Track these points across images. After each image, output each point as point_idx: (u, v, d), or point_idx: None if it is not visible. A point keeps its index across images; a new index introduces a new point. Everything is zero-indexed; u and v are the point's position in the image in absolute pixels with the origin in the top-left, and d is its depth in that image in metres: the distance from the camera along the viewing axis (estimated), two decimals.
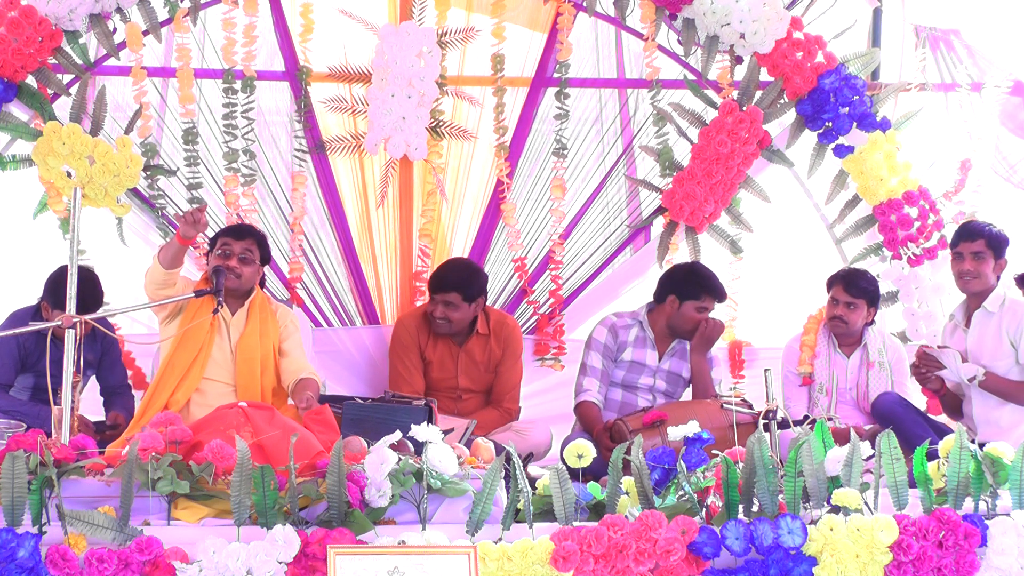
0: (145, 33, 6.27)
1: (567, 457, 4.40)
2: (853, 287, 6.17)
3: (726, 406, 5.43)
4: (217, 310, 5.21)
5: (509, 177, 6.58)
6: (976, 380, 5.74)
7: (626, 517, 4.06)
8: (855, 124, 6.47)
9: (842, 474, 4.18)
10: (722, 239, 6.67)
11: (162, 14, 6.30)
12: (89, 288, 5.59)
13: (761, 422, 4.59)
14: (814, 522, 4.10)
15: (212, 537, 3.84)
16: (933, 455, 4.38)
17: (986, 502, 4.29)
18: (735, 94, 6.53)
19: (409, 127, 6.37)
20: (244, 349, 5.42)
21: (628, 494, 4.28)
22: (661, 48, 6.60)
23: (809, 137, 6.59)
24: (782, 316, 6.78)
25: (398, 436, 4.17)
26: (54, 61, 6.18)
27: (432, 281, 6.16)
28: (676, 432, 4.36)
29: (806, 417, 5.39)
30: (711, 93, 6.59)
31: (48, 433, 4.29)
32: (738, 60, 6.57)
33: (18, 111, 6.22)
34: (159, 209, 6.35)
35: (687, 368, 6.22)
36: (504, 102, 6.54)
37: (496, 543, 3.96)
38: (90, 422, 5.70)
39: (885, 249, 6.61)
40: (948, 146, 6.76)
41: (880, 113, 6.54)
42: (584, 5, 6.54)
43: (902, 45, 6.80)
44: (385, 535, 3.95)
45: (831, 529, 4.05)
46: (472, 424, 5.46)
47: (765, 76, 6.55)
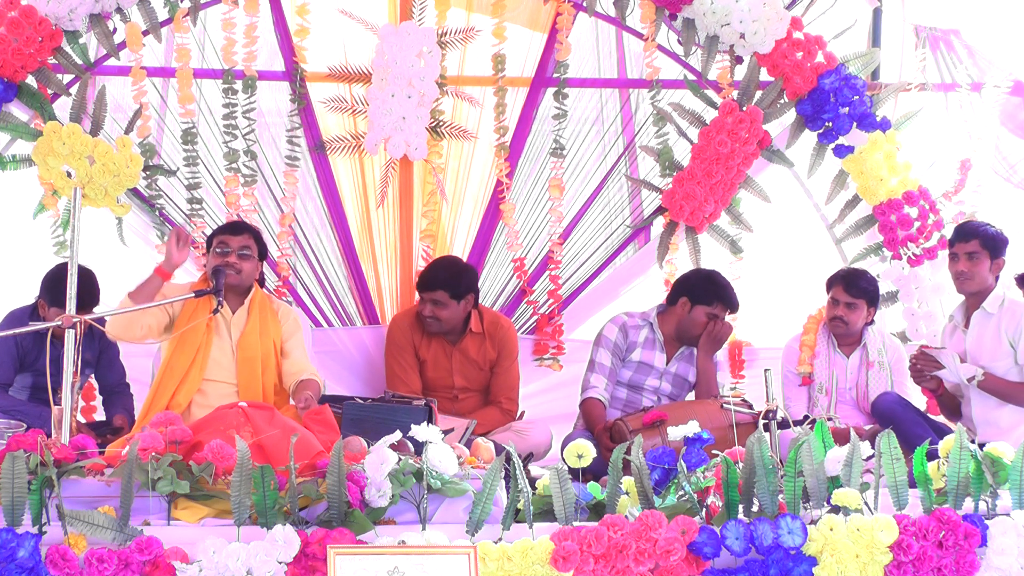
0: (145, 33, 6.27)
1: (567, 457, 4.40)
2: (853, 287, 6.17)
3: (726, 406, 5.44)
4: (217, 310, 5.20)
5: (509, 177, 6.59)
6: (975, 380, 5.74)
7: (626, 517, 4.06)
8: (855, 124, 6.47)
9: (842, 474, 4.18)
10: (722, 239, 6.67)
11: (162, 14, 6.30)
12: (86, 286, 5.58)
13: (761, 422, 4.59)
14: (814, 522, 4.10)
15: (212, 537, 3.84)
16: (933, 455, 4.38)
17: (986, 502, 4.29)
18: (735, 94, 6.53)
19: (409, 127, 6.37)
20: (245, 347, 5.41)
21: (628, 494, 4.28)
22: (661, 48, 6.60)
23: (809, 137, 6.59)
24: (782, 316, 6.77)
25: (398, 436, 4.17)
26: (54, 61, 6.18)
27: (420, 280, 6.17)
28: (676, 432, 4.36)
29: (806, 417, 5.40)
30: (711, 93, 6.59)
31: (48, 433, 4.29)
32: (738, 60, 6.57)
33: (18, 111, 6.22)
34: (157, 209, 6.35)
35: (694, 372, 6.22)
36: (505, 102, 6.54)
37: (496, 543, 3.96)
38: (87, 427, 5.69)
39: (885, 249, 6.61)
40: (948, 146, 6.76)
41: (880, 113, 6.54)
42: (584, 5, 6.54)
43: (902, 45, 6.80)
44: (385, 535, 3.95)
45: (831, 529, 4.05)
46: (472, 424, 5.46)
47: (765, 76, 6.55)
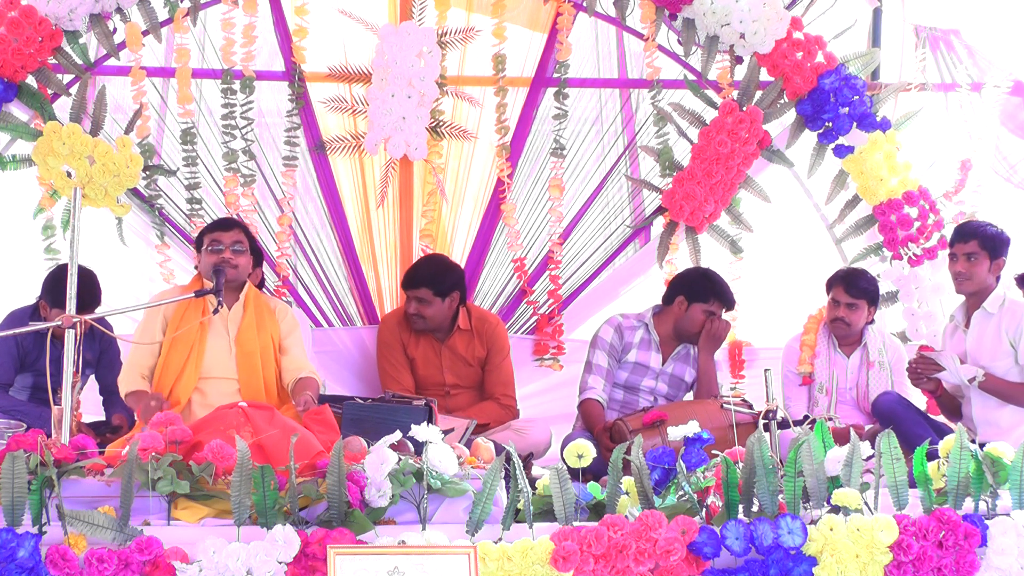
0: (145, 33, 6.27)
1: (567, 457, 4.40)
2: (853, 288, 6.17)
3: (726, 406, 5.44)
4: (217, 310, 5.20)
5: (509, 177, 6.59)
6: (976, 381, 5.74)
7: (626, 517, 4.06)
8: (855, 124, 6.47)
9: (842, 474, 4.18)
10: (722, 239, 6.67)
11: (162, 14, 6.30)
12: (87, 287, 5.58)
13: (761, 422, 4.59)
14: (814, 522, 4.10)
15: (212, 537, 3.84)
16: (933, 455, 4.38)
17: (986, 502, 4.29)
18: (735, 94, 6.53)
19: (409, 127, 6.37)
20: (243, 342, 5.40)
21: (628, 494, 4.28)
22: (661, 48, 6.60)
23: (809, 137, 6.59)
24: (782, 316, 6.78)
25: (398, 436, 4.17)
26: (54, 61, 6.18)
27: (404, 278, 6.19)
28: (676, 432, 4.36)
29: (806, 417, 5.40)
30: (711, 93, 6.58)
31: (48, 433, 4.29)
32: (738, 60, 6.57)
33: (18, 111, 6.22)
34: (157, 209, 6.35)
35: (690, 372, 6.23)
36: (505, 102, 6.54)
37: (496, 543, 3.96)
38: (87, 426, 5.69)
39: (885, 249, 6.61)
40: (948, 146, 6.76)
41: (880, 113, 6.54)
42: (584, 5, 6.54)
43: (902, 45, 6.80)
44: (385, 535, 3.95)
45: (831, 529, 4.05)
46: (472, 424, 5.47)
47: (765, 76, 6.54)
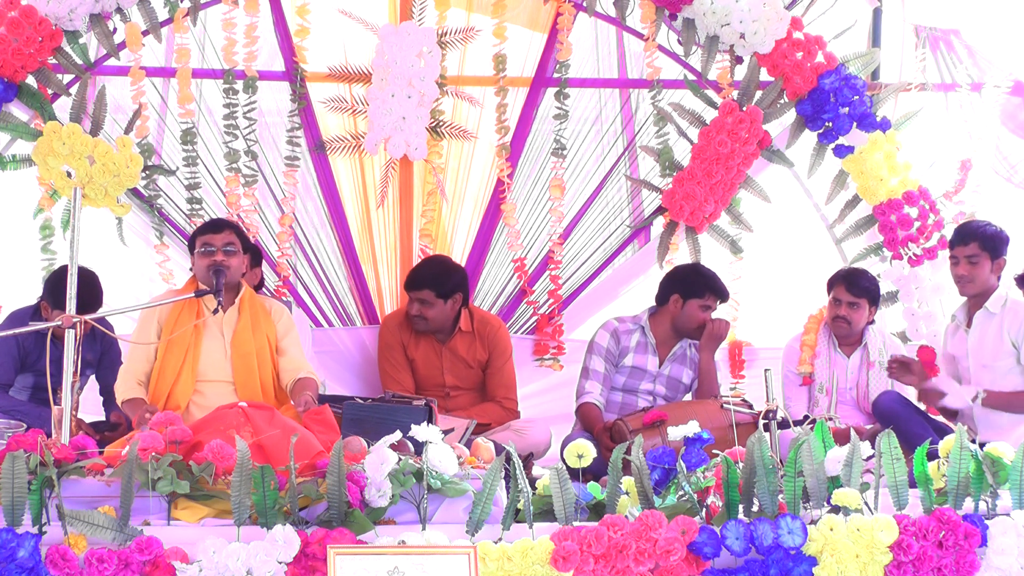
0: (145, 33, 6.27)
1: (567, 457, 4.40)
2: (855, 287, 6.18)
3: (726, 406, 5.44)
4: (217, 310, 5.20)
5: (509, 177, 6.59)
6: (978, 400, 5.71)
7: (626, 517, 4.06)
8: (855, 124, 6.47)
9: (842, 474, 4.18)
10: (722, 239, 6.67)
11: (162, 14, 6.30)
12: (89, 288, 5.59)
13: (761, 422, 4.59)
14: (814, 522, 4.10)
15: (212, 537, 3.84)
16: (933, 455, 4.38)
17: (986, 502, 4.29)
18: (735, 94, 6.53)
19: (409, 127, 6.37)
20: (239, 344, 5.39)
21: (628, 494, 4.28)
22: (661, 48, 6.60)
23: (809, 137, 6.59)
24: (782, 316, 6.78)
25: (398, 436, 4.17)
26: (54, 61, 6.18)
27: (407, 279, 6.19)
28: (676, 432, 4.36)
29: (806, 417, 5.40)
30: (711, 93, 6.59)
31: (48, 433, 4.29)
32: (738, 60, 6.57)
33: (18, 111, 6.22)
34: (156, 208, 6.35)
35: (687, 373, 6.23)
36: (506, 102, 6.54)
37: (496, 543, 3.96)
38: (87, 425, 5.69)
39: (885, 249, 6.61)
40: (948, 146, 6.76)
41: (880, 113, 6.54)
42: (584, 5, 6.54)
43: (902, 45, 6.80)
44: (385, 535, 3.95)
45: (831, 529, 4.05)
46: (472, 424, 5.46)
47: (765, 76, 6.54)
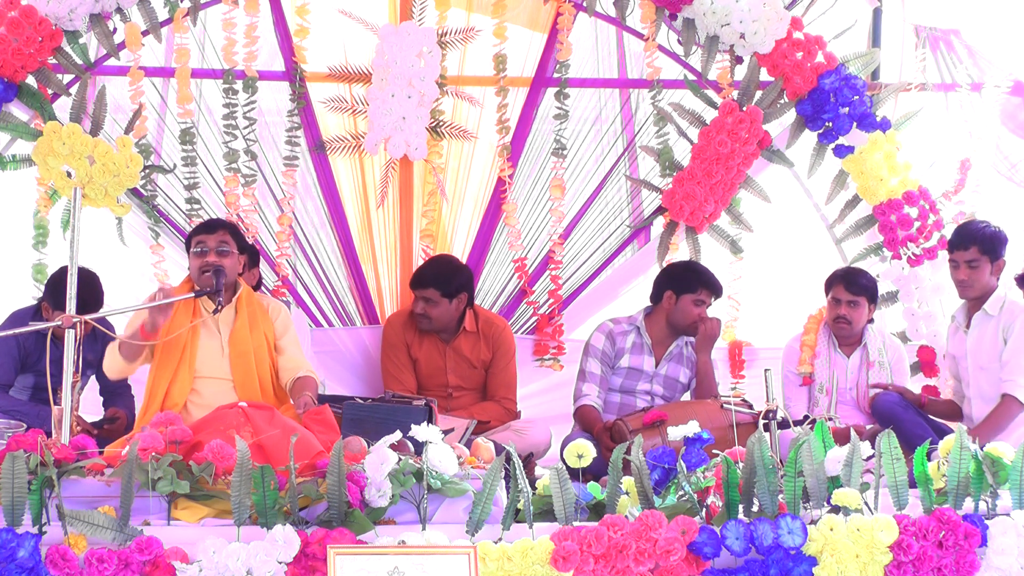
0: (145, 33, 6.27)
1: (567, 457, 4.40)
2: (853, 285, 6.18)
3: (726, 406, 5.43)
4: (218, 310, 5.20)
5: (510, 178, 6.59)
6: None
7: (626, 517, 4.06)
8: (855, 124, 6.47)
9: (842, 474, 4.18)
10: (722, 239, 6.67)
11: (162, 14, 6.30)
12: (89, 289, 5.59)
13: (761, 422, 4.59)
14: (814, 522, 4.10)
15: (212, 537, 3.84)
16: (933, 455, 4.38)
17: (986, 502, 4.29)
18: (735, 94, 6.53)
19: (409, 127, 6.37)
20: (237, 343, 5.39)
21: (628, 494, 4.28)
22: (661, 48, 6.60)
23: (809, 137, 6.59)
24: (782, 316, 6.78)
25: (398, 436, 4.17)
26: (54, 61, 6.19)
27: (412, 278, 6.19)
28: (676, 432, 4.36)
29: (806, 417, 5.39)
30: (711, 93, 6.59)
31: (48, 433, 4.29)
32: (738, 60, 6.57)
33: (18, 111, 6.23)
34: (152, 208, 6.34)
35: (684, 373, 6.23)
36: (506, 102, 6.54)
37: (496, 543, 3.96)
38: (87, 423, 5.70)
39: (885, 249, 6.61)
40: (948, 146, 6.76)
41: (880, 113, 6.54)
42: (584, 5, 6.54)
43: (902, 45, 6.80)
44: (385, 535, 3.95)
45: (831, 529, 4.05)
46: (472, 424, 5.46)
47: (765, 76, 6.55)
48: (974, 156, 6.70)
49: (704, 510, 4.14)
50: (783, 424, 4.75)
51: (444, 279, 6.05)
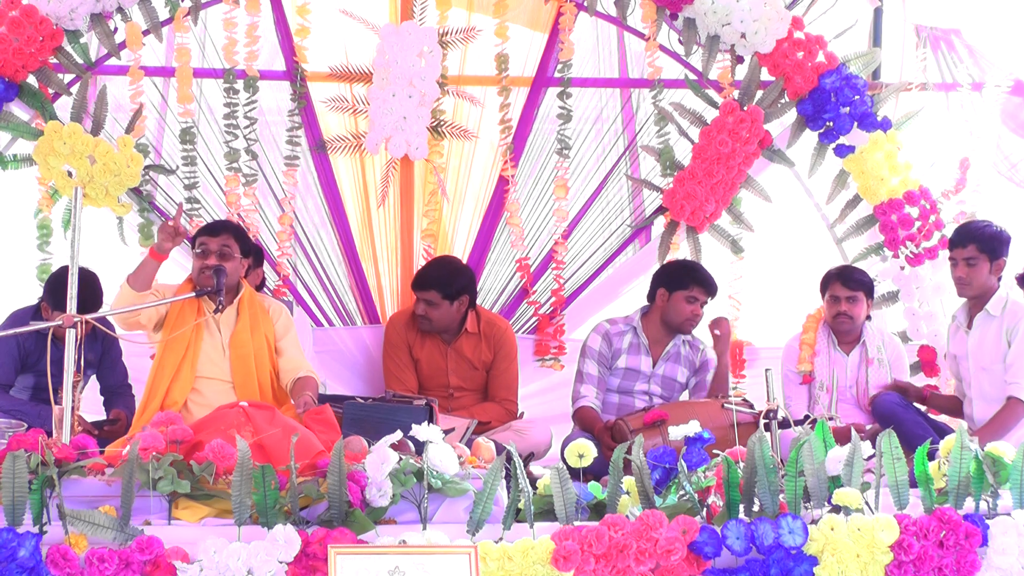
0: (146, 33, 6.28)
1: (568, 457, 4.40)
2: (850, 280, 6.19)
3: (727, 406, 5.43)
4: (219, 310, 5.20)
5: (512, 177, 6.59)
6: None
7: (627, 517, 4.06)
8: (856, 124, 6.47)
9: (843, 474, 4.18)
10: (723, 239, 6.67)
11: (163, 14, 6.30)
12: (89, 289, 5.58)
13: (762, 421, 4.59)
14: (815, 522, 4.10)
15: (213, 537, 3.84)
16: (934, 455, 4.38)
17: (987, 502, 4.29)
18: (736, 94, 6.53)
19: (410, 127, 6.37)
20: (237, 344, 5.39)
21: (629, 494, 4.28)
22: (662, 48, 6.60)
23: (810, 137, 6.59)
24: (782, 316, 6.78)
25: (399, 436, 4.17)
26: (55, 60, 6.19)
27: (414, 279, 6.19)
28: (677, 432, 4.36)
29: (807, 416, 5.39)
30: (712, 93, 6.59)
31: (49, 433, 4.29)
32: (739, 60, 6.57)
33: (19, 111, 6.23)
34: (153, 207, 6.34)
35: (682, 372, 6.23)
36: (508, 102, 6.54)
37: (497, 543, 3.96)
38: (88, 423, 5.70)
39: (886, 249, 6.61)
40: (949, 146, 6.76)
41: (881, 113, 6.54)
42: (585, 5, 6.54)
43: (903, 45, 6.80)
44: (386, 535, 3.95)
45: (832, 529, 4.05)
46: (473, 423, 5.46)
47: (766, 76, 6.55)
48: (974, 156, 6.70)
49: (705, 510, 4.14)
50: (784, 424, 4.75)
51: (445, 281, 6.04)
